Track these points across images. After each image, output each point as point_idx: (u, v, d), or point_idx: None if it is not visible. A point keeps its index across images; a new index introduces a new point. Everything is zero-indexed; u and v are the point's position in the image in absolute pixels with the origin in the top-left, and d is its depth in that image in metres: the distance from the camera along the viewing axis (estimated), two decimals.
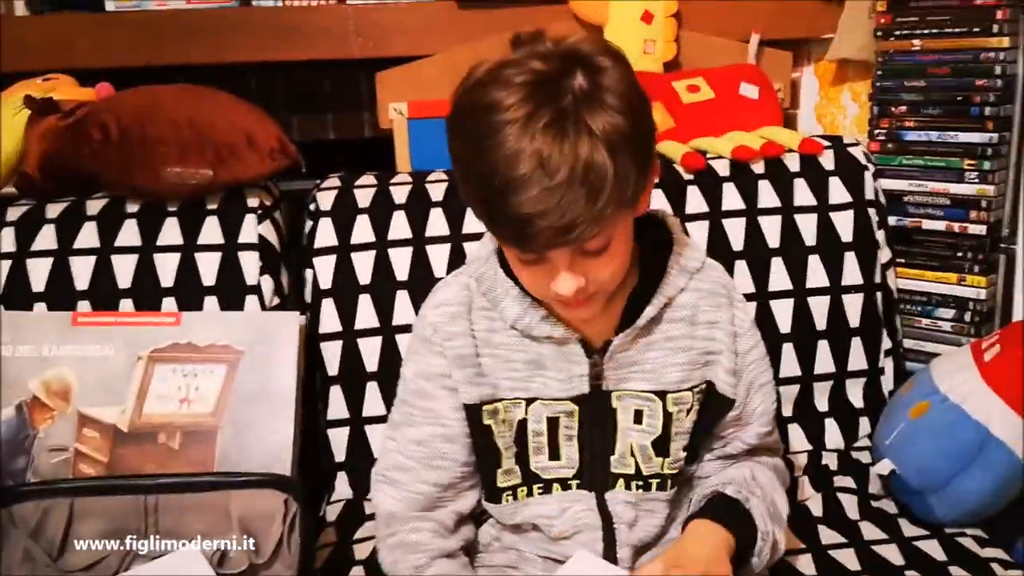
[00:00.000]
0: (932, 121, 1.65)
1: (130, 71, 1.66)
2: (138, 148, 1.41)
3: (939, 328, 1.69)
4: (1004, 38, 1.56)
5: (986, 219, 1.61)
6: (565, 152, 0.90)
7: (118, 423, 1.30)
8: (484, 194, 0.95)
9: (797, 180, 1.59)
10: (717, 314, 1.15)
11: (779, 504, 1.18)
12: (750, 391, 1.18)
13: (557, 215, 0.91)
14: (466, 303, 1.14)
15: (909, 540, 1.34)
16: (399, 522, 1.15)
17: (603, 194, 0.91)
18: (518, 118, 0.91)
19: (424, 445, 1.15)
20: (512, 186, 0.91)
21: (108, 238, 1.44)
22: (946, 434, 1.34)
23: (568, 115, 0.91)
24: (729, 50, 1.86)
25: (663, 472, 1.14)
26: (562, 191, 0.90)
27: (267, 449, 1.31)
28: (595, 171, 0.91)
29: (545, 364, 1.12)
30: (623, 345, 1.11)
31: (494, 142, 0.91)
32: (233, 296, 1.45)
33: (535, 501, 1.13)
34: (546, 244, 0.95)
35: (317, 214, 1.52)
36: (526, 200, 0.91)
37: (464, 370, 1.13)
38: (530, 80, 0.93)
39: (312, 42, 1.80)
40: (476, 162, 0.94)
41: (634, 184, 0.96)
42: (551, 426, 1.12)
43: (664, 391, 1.13)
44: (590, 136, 0.91)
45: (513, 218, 0.92)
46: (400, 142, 1.82)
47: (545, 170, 0.90)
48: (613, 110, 0.93)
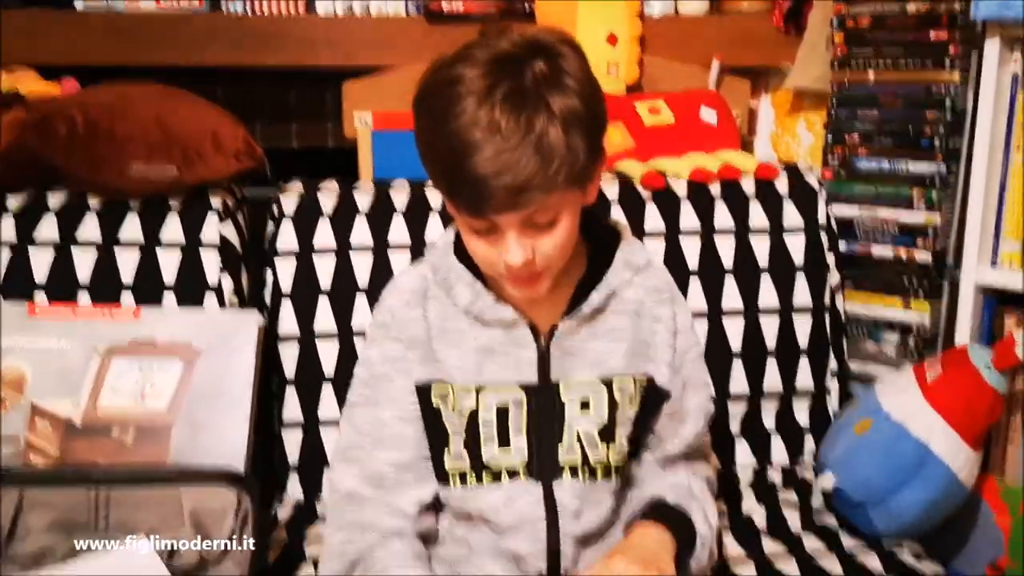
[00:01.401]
0: (884, 151, 1.70)
1: (96, 70, 1.67)
2: (104, 144, 1.42)
3: (883, 352, 1.74)
4: (955, 72, 1.61)
5: (932, 247, 1.66)
6: (521, 122, 0.96)
7: (71, 416, 1.30)
8: (443, 160, 1.01)
9: (752, 203, 1.63)
10: (659, 310, 1.20)
11: (710, 516, 1.21)
12: (686, 387, 1.22)
13: (510, 176, 0.97)
14: (421, 290, 1.19)
15: (849, 552, 1.37)
16: (356, 502, 1.15)
17: (554, 163, 0.98)
18: (479, 89, 0.97)
19: (382, 425, 1.16)
20: (468, 149, 0.97)
21: (68, 232, 1.44)
22: (888, 450, 1.38)
23: (527, 91, 0.98)
24: (690, 75, 1.90)
25: (608, 462, 1.16)
26: (516, 154, 0.96)
27: (221, 447, 1.31)
28: (548, 142, 0.97)
29: (495, 350, 1.15)
30: (569, 330, 1.15)
31: (454, 111, 0.98)
32: (192, 294, 1.46)
33: (484, 490, 1.14)
34: (499, 206, 1.00)
35: (280, 217, 1.53)
36: (481, 160, 0.97)
37: (417, 351, 1.16)
38: (493, 57, 0.99)
39: (280, 49, 1.82)
40: (438, 131, 1.00)
41: (584, 163, 1.02)
42: (501, 416, 1.14)
43: (609, 378, 1.16)
44: (547, 112, 0.98)
45: (469, 179, 0.98)
46: (364, 152, 1.83)
47: (500, 134, 0.96)
48: (571, 93, 0.99)
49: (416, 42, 1.84)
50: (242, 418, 1.33)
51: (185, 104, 1.52)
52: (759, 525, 1.44)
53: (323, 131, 2.06)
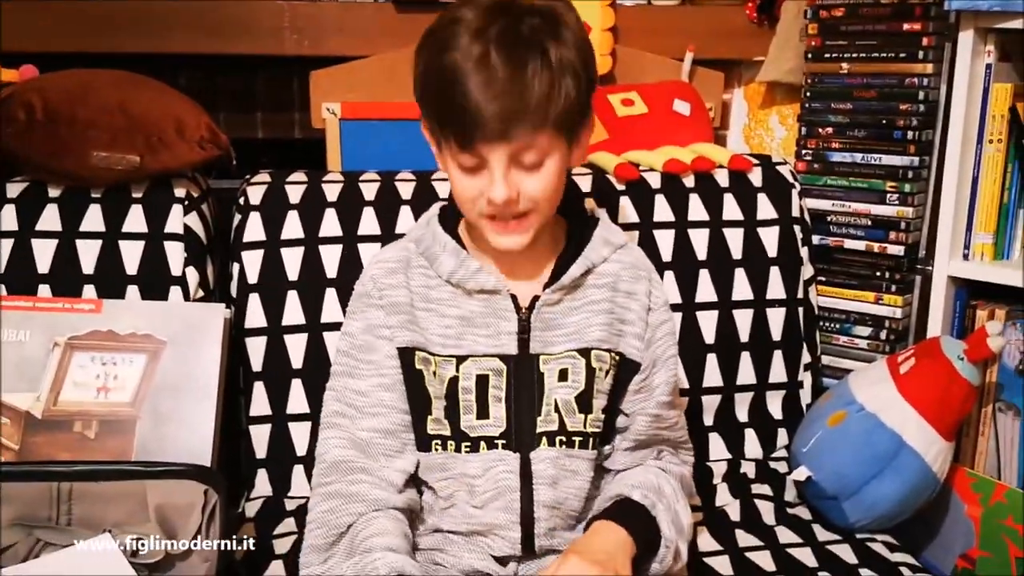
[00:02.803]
0: (857, 143, 1.70)
1: (55, 57, 1.62)
2: (65, 130, 1.38)
3: (855, 345, 1.74)
4: (928, 64, 1.61)
5: (904, 240, 1.67)
6: (513, 57, 1.01)
7: (32, 409, 1.27)
8: (436, 90, 1.05)
9: (726, 195, 1.62)
10: (635, 286, 1.22)
11: (681, 515, 1.19)
12: (655, 363, 1.23)
13: (499, 104, 1.00)
14: (404, 260, 1.20)
15: (822, 544, 1.37)
16: (342, 471, 1.14)
17: (544, 98, 1.02)
18: (477, 28, 1.02)
19: (365, 395, 1.17)
20: (461, 77, 1.01)
21: (27, 222, 1.41)
22: (862, 441, 1.38)
23: (522, 33, 1.03)
24: (663, 67, 1.90)
25: (586, 430, 1.16)
26: (507, 84, 1.01)
27: (187, 442, 1.29)
28: (540, 79, 1.02)
29: (476, 321, 1.16)
30: (549, 302, 1.17)
31: (451, 44, 1.03)
32: (156, 286, 1.42)
33: (462, 458, 1.15)
34: (488, 134, 1.02)
35: (246, 208, 1.50)
36: (473, 87, 1.01)
37: (399, 316, 1.17)
38: (496, 4, 1.04)
39: (245, 37, 1.78)
40: (433, 64, 1.05)
41: (573, 113, 1.06)
42: (480, 385, 1.15)
43: (588, 348, 1.17)
44: (541, 53, 1.02)
45: (460, 106, 1.01)
46: (332, 142, 1.81)
47: (493, 66, 1.01)
48: (566, 44, 1.04)
49: (385, 30, 1.81)
50: (208, 412, 1.31)
51: (147, 90, 1.48)
52: (733, 518, 1.43)
53: (290, 121, 2.03)
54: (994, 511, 1.49)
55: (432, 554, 1.16)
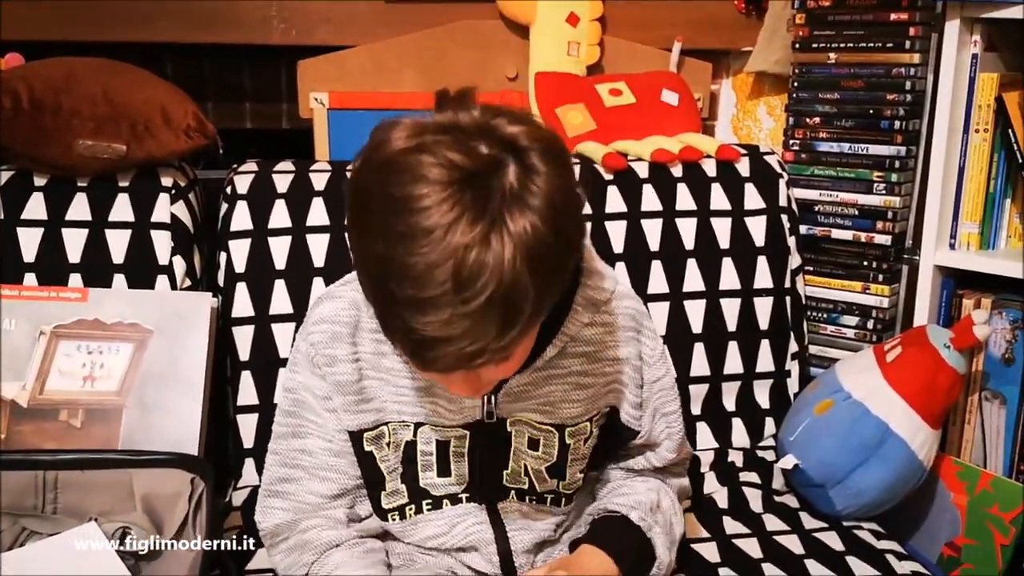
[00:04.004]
0: (844, 133, 1.70)
1: (41, 45, 1.61)
2: (50, 119, 1.37)
3: (843, 335, 1.74)
4: (915, 54, 1.62)
5: (891, 230, 1.67)
6: (483, 276, 0.78)
7: (17, 398, 1.26)
8: (387, 302, 0.84)
9: (714, 185, 1.62)
10: (624, 350, 1.09)
11: (675, 526, 1.15)
12: (655, 418, 1.15)
13: (466, 342, 0.81)
14: (351, 323, 1.05)
15: (809, 532, 1.38)
16: (288, 528, 1.09)
17: (519, 320, 0.82)
18: (435, 226, 0.78)
19: (311, 455, 1.09)
20: (421, 305, 0.80)
21: (13, 211, 1.40)
22: (848, 429, 1.38)
23: (493, 223, 0.79)
24: (651, 57, 1.89)
25: (559, 491, 1.12)
26: (475, 318, 0.80)
27: (174, 431, 1.29)
28: (514, 296, 0.80)
29: (435, 392, 1.05)
30: (519, 380, 1.06)
31: (405, 248, 0.79)
32: (143, 275, 1.42)
33: (423, 519, 1.09)
34: (446, 368, 0.86)
35: (233, 197, 1.50)
36: (435, 322, 0.80)
37: (344, 397, 1.06)
38: (453, 179, 0.80)
39: (233, 26, 1.77)
40: (383, 264, 0.82)
41: (553, 296, 0.88)
42: (440, 447, 1.07)
43: (562, 425, 1.08)
44: (514, 249, 0.79)
45: (416, 337, 0.82)
46: (320, 132, 1.80)
47: (459, 294, 0.79)
48: (539, 217, 0.81)
49: (373, 20, 1.81)
50: (195, 401, 1.31)
51: (133, 79, 1.47)
52: (721, 506, 1.44)
53: (277, 111, 2.02)
54: (980, 499, 1.50)
55: (409, 559, 1.14)
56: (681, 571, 1.21)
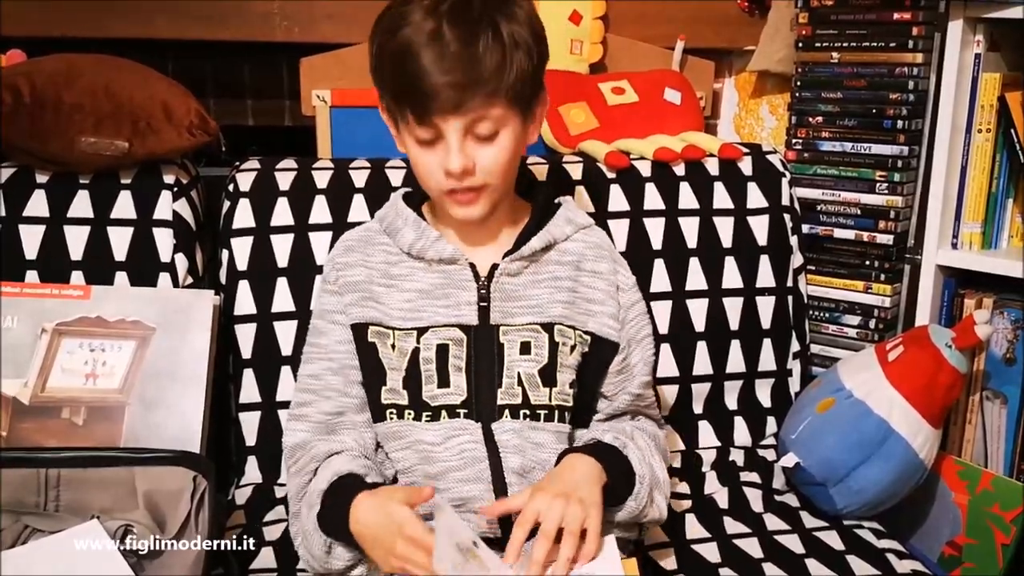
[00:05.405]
0: (847, 132, 1.70)
1: (42, 42, 1.61)
2: (52, 115, 1.37)
3: (844, 334, 1.74)
4: (918, 54, 1.62)
5: (893, 229, 1.67)
6: (465, 32, 1.05)
7: (19, 396, 1.26)
8: (391, 66, 1.08)
9: (716, 184, 1.62)
10: (600, 265, 1.25)
11: (656, 469, 1.19)
12: (631, 343, 1.25)
13: (453, 76, 1.04)
14: (364, 239, 1.25)
15: (810, 531, 1.38)
16: (301, 448, 1.19)
17: (496, 69, 1.06)
18: (429, 5, 1.06)
19: (317, 378, 1.22)
20: (414, 51, 1.05)
21: (15, 208, 1.40)
22: (850, 427, 1.38)
23: (474, 10, 1.06)
24: (654, 56, 1.89)
25: (551, 403, 1.17)
26: (459, 56, 1.04)
27: (176, 429, 1.29)
28: (491, 52, 1.05)
29: (435, 293, 1.19)
30: (508, 272, 1.20)
31: (405, 21, 1.06)
32: (145, 273, 1.42)
33: (419, 427, 1.16)
34: (443, 107, 1.06)
35: (236, 195, 1.49)
36: (426, 61, 1.04)
37: (353, 294, 1.21)
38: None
39: (235, 23, 1.77)
40: (387, 42, 1.08)
41: (526, 87, 1.10)
42: (440, 355, 1.17)
43: (550, 323, 1.19)
44: (492, 29, 1.06)
45: (414, 80, 1.05)
46: (322, 130, 1.80)
47: (445, 40, 1.04)
48: (518, 20, 1.09)
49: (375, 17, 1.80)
50: (198, 399, 1.31)
51: (135, 75, 1.47)
52: (721, 505, 1.44)
53: (280, 108, 2.02)
54: (980, 499, 1.50)
55: None
56: (681, 571, 1.21)
